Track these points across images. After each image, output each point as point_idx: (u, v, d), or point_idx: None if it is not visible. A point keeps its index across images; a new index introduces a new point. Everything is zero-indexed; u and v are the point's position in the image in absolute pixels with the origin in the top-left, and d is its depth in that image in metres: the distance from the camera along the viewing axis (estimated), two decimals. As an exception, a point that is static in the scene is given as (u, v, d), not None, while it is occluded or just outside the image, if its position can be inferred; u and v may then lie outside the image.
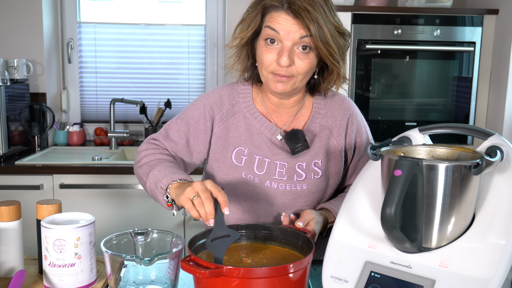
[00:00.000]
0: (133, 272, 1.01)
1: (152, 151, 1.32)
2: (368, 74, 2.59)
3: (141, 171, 1.29)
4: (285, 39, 1.17)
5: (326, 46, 1.18)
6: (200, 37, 3.10)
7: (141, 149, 1.35)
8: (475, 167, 0.86)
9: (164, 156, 1.31)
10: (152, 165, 1.26)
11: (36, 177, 2.39)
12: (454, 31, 2.56)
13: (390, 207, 0.84)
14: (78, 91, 3.10)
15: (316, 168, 1.32)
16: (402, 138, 1.06)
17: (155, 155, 1.30)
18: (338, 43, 1.21)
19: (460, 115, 2.66)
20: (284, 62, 1.18)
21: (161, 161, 1.27)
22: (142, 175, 1.29)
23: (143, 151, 1.33)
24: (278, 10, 1.17)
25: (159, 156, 1.30)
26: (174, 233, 1.09)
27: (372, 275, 0.94)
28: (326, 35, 1.16)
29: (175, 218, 2.46)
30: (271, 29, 1.18)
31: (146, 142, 1.36)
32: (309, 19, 1.14)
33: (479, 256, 0.87)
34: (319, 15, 1.15)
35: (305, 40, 1.17)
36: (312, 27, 1.15)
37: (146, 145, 1.35)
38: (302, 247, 1.09)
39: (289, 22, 1.16)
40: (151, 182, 1.23)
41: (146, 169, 1.27)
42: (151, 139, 1.37)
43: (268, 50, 1.20)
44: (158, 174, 1.22)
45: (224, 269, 0.91)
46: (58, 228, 1.04)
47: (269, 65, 1.21)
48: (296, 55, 1.19)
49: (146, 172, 1.26)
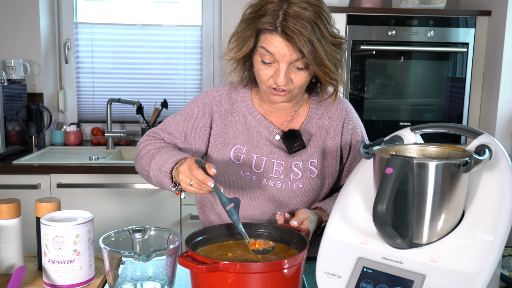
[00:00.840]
0: (131, 269, 1.03)
1: (150, 141, 1.35)
2: (363, 75, 2.62)
3: (143, 161, 1.31)
4: (280, 61, 1.18)
5: (321, 66, 1.17)
6: (197, 38, 3.12)
7: (140, 141, 1.38)
8: (464, 165, 0.89)
9: (162, 143, 1.34)
10: (152, 154, 1.29)
11: (34, 176, 2.40)
12: (447, 32, 2.59)
13: (381, 204, 0.86)
14: (75, 91, 3.11)
15: (312, 167, 1.34)
16: (394, 137, 1.09)
17: (154, 144, 1.33)
18: (334, 59, 1.20)
19: (454, 115, 2.70)
20: (281, 81, 1.19)
21: (160, 149, 1.30)
22: (144, 166, 1.31)
23: (142, 143, 1.36)
24: (272, 33, 1.16)
25: (158, 145, 1.32)
26: (171, 230, 1.11)
27: (365, 271, 0.96)
28: (321, 55, 1.15)
29: (172, 217, 2.47)
30: (266, 51, 1.18)
31: (145, 135, 1.39)
32: (302, 42, 1.13)
33: (468, 252, 0.89)
34: (313, 36, 1.14)
35: (299, 62, 1.18)
36: (305, 49, 1.13)
37: (145, 137, 1.38)
38: (297, 245, 1.11)
39: (283, 45, 1.15)
40: (154, 170, 1.25)
41: (147, 158, 1.29)
42: (150, 132, 1.40)
43: (265, 67, 1.21)
44: (160, 161, 1.24)
45: (221, 264, 0.93)
46: (57, 225, 1.06)
47: (267, 80, 1.22)
48: (292, 72, 1.20)
49: (148, 161, 1.29)
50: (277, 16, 1.14)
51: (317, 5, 1.16)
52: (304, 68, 1.19)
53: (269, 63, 1.20)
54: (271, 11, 1.15)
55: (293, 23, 1.13)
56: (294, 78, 1.21)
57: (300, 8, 1.14)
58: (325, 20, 1.17)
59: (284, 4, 1.15)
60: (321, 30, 1.15)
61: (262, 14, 1.17)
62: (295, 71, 1.20)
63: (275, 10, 1.15)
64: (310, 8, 1.14)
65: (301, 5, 1.14)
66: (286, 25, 1.13)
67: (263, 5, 1.18)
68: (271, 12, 1.15)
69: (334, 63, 1.21)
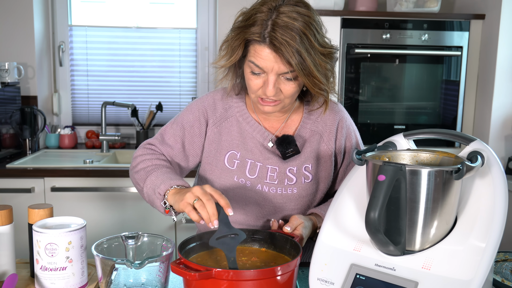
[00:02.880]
0: (123, 275, 1.03)
1: (148, 156, 1.33)
2: (357, 78, 2.62)
3: (138, 176, 1.30)
4: (269, 72, 1.17)
5: (309, 77, 1.17)
6: (191, 40, 3.12)
7: (137, 154, 1.35)
8: (456, 172, 0.89)
9: (161, 161, 1.32)
10: (149, 171, 1.27)
11: (27, 180, 2.39)
12: (441, 35, 2.60)
13: (374, 211, 0.86)
14: (70, 94, 3.11)
15: (307, 172, 1.34)
16: (387, 143, 1.09)
17: (152, 161, 1.31)
18: (324, 70, 1.19)
19: (448, 118, 2.70)
20: (270, 92, 1.18)
21: (158, 167, 1.28)
22: (139, 181, 1.29)
23: (140, 156, 1.34)
24: (260, 44, 1.15)
25: (156, 162, 1.31)
26: (164, 236, 1.11)
27: (358, 277, 0.96)
28: (310, 66, 1.14)
29: (166, 222, 2.47)
30: (255, 65, 1.17)
31: (142, 147, 1.37)
32: (290, 53, 1.12)
33: (461, 259, 0.90)
34: (302, 46, 1.12)
35: (288, 74, 1.17)
36: (293, 61, 1.12)
37: (142, 150, 1.36)
38: (290, 251, 1.11)
39: (271, 56, 1.14)
40: (149, 187, 1.24)
41: (143, 174, 1.28)
42: (147, 144, 1.38)
43: (255, 78, 1.20)
44: (156, 180, 1.23)
45: (213, 271, 0.93)
46: (49, 232, 1.05)
47: (256, 90, 1.22)
48: (282, 82, 1.19)
49: (143, 177, 1.27)
50: (266, 26, 1.14)
51: (307, 14, 1.15)
52: (293, 79, 1.19)
53: (258, 74, 1.19)
54: (260, 21, 1.15)
55: (281, 33, 1.12)
56: (283, 89, 1.20)
57: (289, 18, 1.13)
58: (314, 30, 1.16)
59: (273, 14, 1.14)
60: (310, 40, 1.14)
61: (251, 23, 1.16)
62: (284, 81, 1.19)
63: (264, 20, 1.14)
64: (300, 18, 1.13)
65: (290, 15, 1.13)
66: (274, 36, 1.12)
67: (252, 14, 1.17)
68: (260, 21, 1.15)
69: (324, 73, 1.20)
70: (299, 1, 1.18)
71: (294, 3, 1.16)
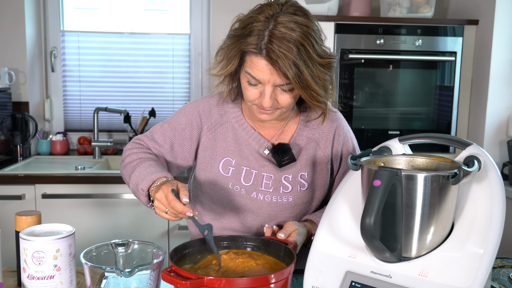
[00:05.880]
0: (113, 284, 1.00)
1: (135, 150, 1.33)
2: (351, 83, 2.61)
3: (125, 171, 1.30)
4: (265, 84, 1.15)
5: (307, 90, 1.14)
6: (185, 46, 3.10)
7: (126, 148, 1.36)
8: (453, 177, 0.87)
9: (146, 154, 1.31)
10: (134, 166, 1.27)
11: (18, 187, 2.36)
12: (435, 41, 2.60)
13: (369, 217, 0.84)
14: (62, 100, 3.08)
15: (302, 180, 1.32)
16: (382, 148, 1.08)
17: (138, 154, 1.31)
18: (323, 81, 1.17)
19: (443, 123, 2.70)
20: (267, 103, 1.16)
21: (142, 161, 1.28)
22: (125, 176, 1.30)
23: (128, 150, 1.34)
24: (257, 56, 1.12)
25: (141, 155, 1.30)
26: (155, 244, 1.09)
27: (353, 285, 0.94)
28: (307, 78, 1.11)
29: (159, 228, 2.44)
30: (251, 76, 1.15)
31: (132, 142, 1.38)
32: (287, 66, 1.09)
33: (458, 265, 0.88)
34: (299, 58, 1.09)
35: (285, 85, 1.15)
36: (290, 73, 1.09)
37: (131, 144, 1.37)
38: (284, 258, 1.09)
39: (267, 68, 1.12)
40: (133, 183, 1.24)
41: (129, 169, 1.28)
42: (136, 139, 1.38)
43: (251, 88, 1.18)
44: (139, 176, 1.22)
45: (205, 279, 0.90)
46: (37, 240, 1.02)
47: (253, 100, 1.20)
48: (278, 93, 1.17)
49: (129, 172, 1.27)
50: (263, 37, 1.11)
51: (305, 24, 1.12)
52: (289, 91, 1.17)
53: (255, 84, 1.17)
54: (257, 31, 1.12)
55: (278, 45, 1.09)
56: (280, 99, 1.18)
57: (286, 29, 1.10)
58: (313, 40, 1.12)
59: (271, 24, 1.11)
60: (308, 52, 1.11)
61: (248, 33, 1.13)
62: (281, 92, 1.17)
63: (261, 30, 1.11)
64: (298, 29, 1.10)
65: (288, 25, 1.10)
66: (271, 48, 1.09)
67: (249, 23, 1.14)
68: (257, 32, 1.12)
69: (322, 85, 1.17)
70: (298, 9, 1.15)
71: (292, 12, 1.13)
